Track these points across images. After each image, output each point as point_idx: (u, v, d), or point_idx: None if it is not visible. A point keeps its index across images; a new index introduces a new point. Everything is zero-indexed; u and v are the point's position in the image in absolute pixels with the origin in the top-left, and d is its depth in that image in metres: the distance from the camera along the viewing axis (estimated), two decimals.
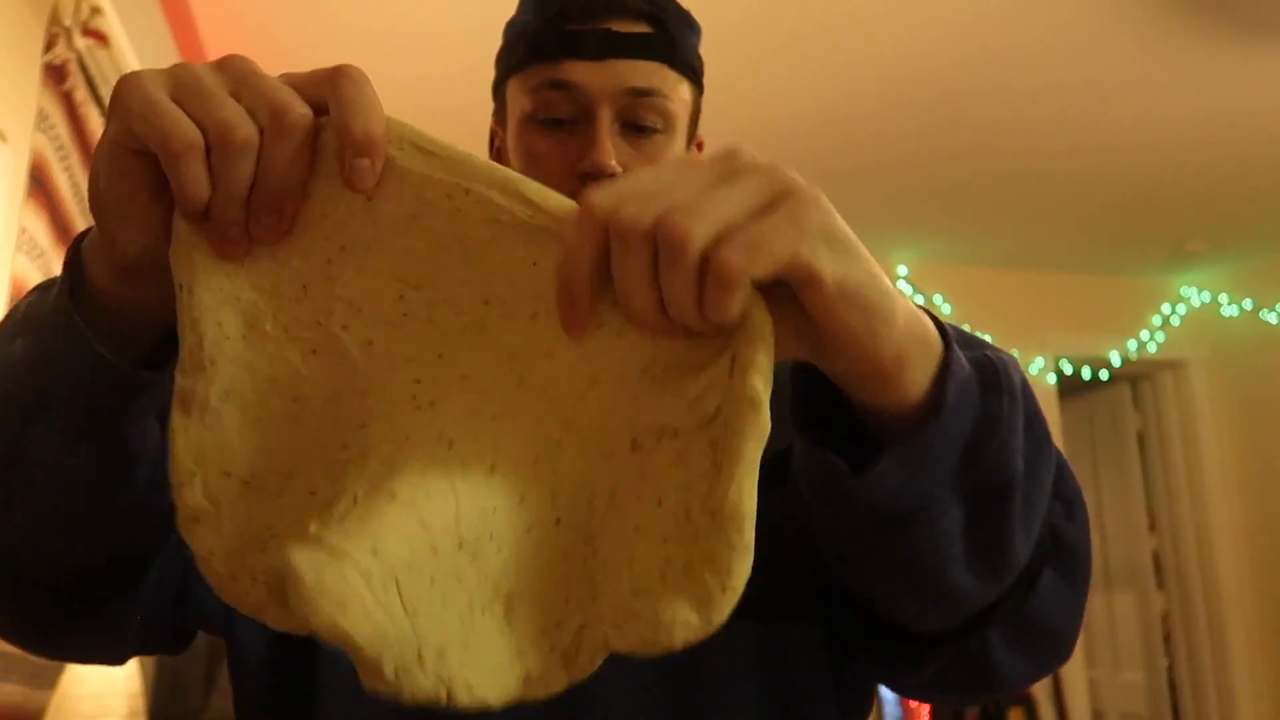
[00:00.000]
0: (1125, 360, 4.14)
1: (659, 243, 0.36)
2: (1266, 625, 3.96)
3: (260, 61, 0.42)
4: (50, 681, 1.69)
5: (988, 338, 0.51)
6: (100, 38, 1.81)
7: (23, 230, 1.63)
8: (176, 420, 0.40)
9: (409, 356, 0.41)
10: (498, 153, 0.81)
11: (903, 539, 0.46)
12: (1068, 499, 0.53)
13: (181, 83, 0.40)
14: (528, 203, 0.41)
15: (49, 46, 1.71)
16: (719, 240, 0.36)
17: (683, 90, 0.76)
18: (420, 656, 0.35)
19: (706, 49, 0.82)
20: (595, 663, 0.39)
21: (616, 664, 0.65)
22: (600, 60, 0.72)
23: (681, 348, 0.40)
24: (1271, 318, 3.98)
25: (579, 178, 0.72)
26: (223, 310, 0.41)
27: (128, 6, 1.81)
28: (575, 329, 0.40)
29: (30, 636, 0.59)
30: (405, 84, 2.59)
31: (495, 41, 0.81)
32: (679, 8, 0.79)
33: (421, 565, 0.36)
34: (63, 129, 1.75)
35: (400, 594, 0.35)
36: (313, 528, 0.36)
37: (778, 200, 0.38)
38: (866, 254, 0.40)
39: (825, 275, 0.37)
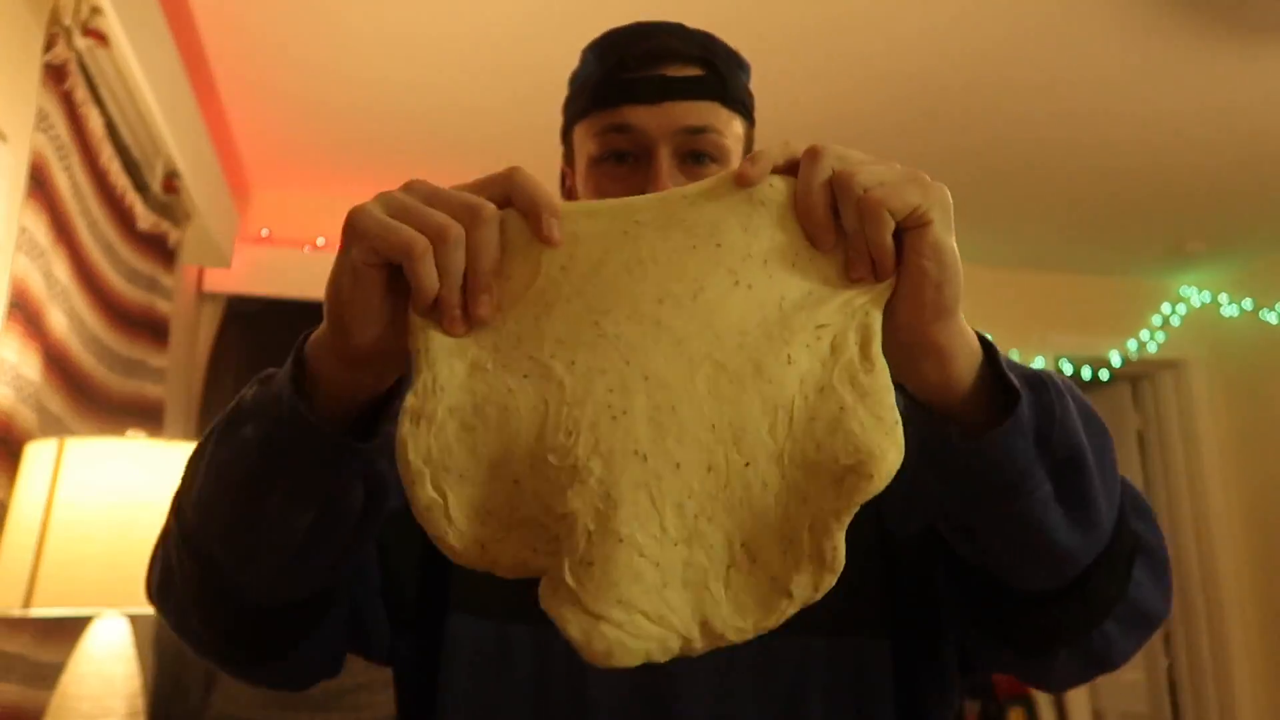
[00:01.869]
0: (1125, 360, 4.14)
1: (834, 183, 0.52)
2: (1266, 625, 3.97)
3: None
4: (50, 681, 1.69)
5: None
6: (100, 38, 1.81)
7: (23, 230, 1.63)
8: (407, 430, 0.50)
9: (602, 369, 0.51)
10: (568, 191, 0.90)
11: (1011, 507, 0.56)
12: (1144, 511, 0.66)
13: (394, 206, 0.51)
14: (686, 193, 0.54)
15: (49, 46, 1.72)
16: (872, 186, 0.51)
17: (735, 125, 0.84)
18: (686, 638, 0.48)
19: None
20: (839, 547, 0.48)
21: (695, 664, 0.70)
22: (657, 104, 0.80)
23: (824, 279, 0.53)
24: (1271, 318, 3.98)
25: None
26: (453, 361, 0.51)
27: (128, 6, 1.81)
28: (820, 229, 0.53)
29: (240, 660, 0.70)
30: (406, 86, 2.59)
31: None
32: (728, 49, 0.86)
33: (659, 579, 0.48)
34: (63, 129, 1.75)
35: (651, 615, 0.48)
36: (569, 578, 0.48)
37: (921, 180, 0.51)
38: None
39: (934, 227, 0.51)
